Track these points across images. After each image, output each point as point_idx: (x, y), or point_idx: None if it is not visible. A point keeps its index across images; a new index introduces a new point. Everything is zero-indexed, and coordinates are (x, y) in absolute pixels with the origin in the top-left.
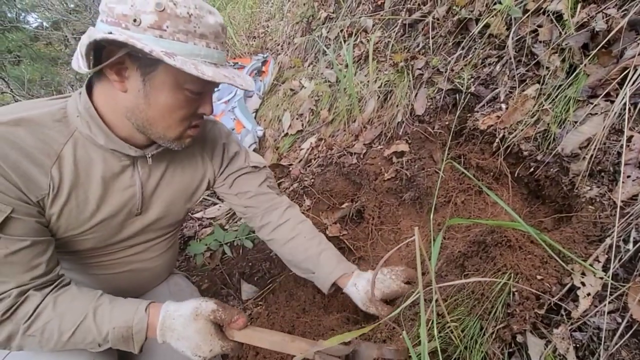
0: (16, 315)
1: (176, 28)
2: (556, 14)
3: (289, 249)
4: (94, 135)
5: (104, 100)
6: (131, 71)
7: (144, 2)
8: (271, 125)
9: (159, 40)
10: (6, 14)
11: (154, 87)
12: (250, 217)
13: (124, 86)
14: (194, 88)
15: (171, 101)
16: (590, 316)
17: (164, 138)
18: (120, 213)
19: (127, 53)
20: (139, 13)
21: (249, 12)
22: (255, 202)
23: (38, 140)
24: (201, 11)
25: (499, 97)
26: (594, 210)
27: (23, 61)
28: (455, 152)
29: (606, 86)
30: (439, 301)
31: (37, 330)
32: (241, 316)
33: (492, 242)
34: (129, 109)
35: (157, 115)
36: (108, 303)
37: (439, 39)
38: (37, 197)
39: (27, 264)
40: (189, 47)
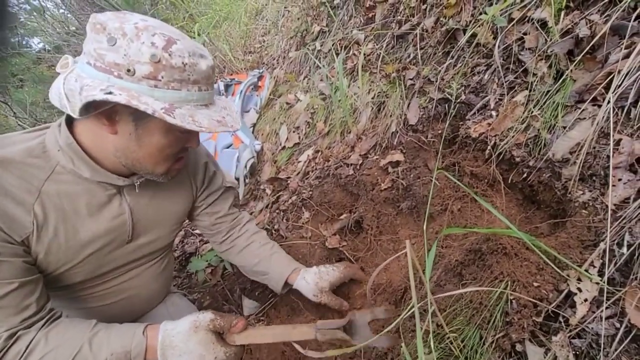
0: (6, 357)
1: (171, 77)
2: (541, 22)
3: (244, 255)
4: (77, 169)
5: (89, 137)
6: (122, 116)
7: (137, 52)
8: (269, 139)
9: (153, 90)
10: (9, 40)
11: (147, 131)
12: (215, 233)
13: (114, 129)
14: (184, 130)
15: (163, 142)
16: (588, 322)
17: (152, 173)
18: (112, 242)
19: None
20: (132, 63)
21: (245, 28)
22: (223, 220)
23: (18, 178)
24: (194, 58)
25: (489, 104)
26: (587, 214)
27: (26, 84)
28: (449, 160)
29: (592, 91)
30: (437, 312)
31: None
32: (240, 319)
33: (488, 250)
34: (119, 149)
35: (147, 155)
36: (104, 331)
37: (428, 49)
38: (21, 237)
39: (17, 307)
40: (183, 94)
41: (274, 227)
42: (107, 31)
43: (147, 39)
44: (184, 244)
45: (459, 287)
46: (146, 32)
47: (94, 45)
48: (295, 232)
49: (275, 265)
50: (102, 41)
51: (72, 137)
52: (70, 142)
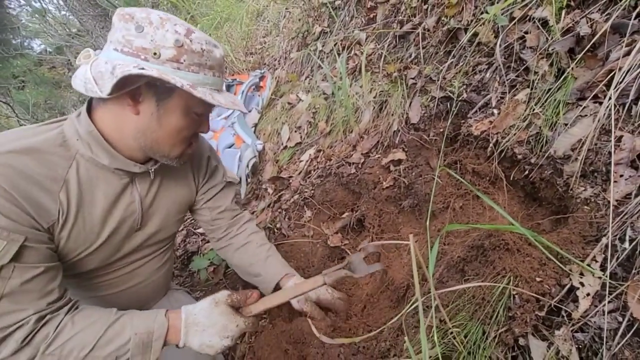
0: (35, 340)
1: (191, 61)
2: (542, 21)
3: (240, 254)
4: (96, 157)
5: (110, 121)
6: (146, 96)
7: (163, 38)
8: (270, 138)
9: (176, 72)
10: (11, 42)
11: (167, 111)
12: (214, 229)
13: (137, 109)
14: (199, 111)
15: (181, 123)
16: (591, 316)
17: (168, 156)
18: (123, 230)
19: (146, 82)
20: (158, 47)
21: (246, 29)
22: (223, 215)
23: (44, 167)
24: (209, 46)
25: (490, 102)
26: (589, 210)
27: (27, 86)
28: (451, 158)
29: (594, 88)
30: (440, 307)
31: (57, 349)
32: (254, 291)
33: (490, 246)
34: (140, 130)
35: (165, 135)
36: (127, 315)
37: (430, 48)
38: (47, 224)
39: (41, 290)
40: (201, 77)
41: (276, 226)
42: (135, 20)
43: (171, 27)
44: (186, 243)
45: (461, 283)
46: (169, 22)
47: (122, 32)
48: (297, 231)
49: (269, 267)
50: (130, 29)
51: (93, 125)
52: (91, 130)
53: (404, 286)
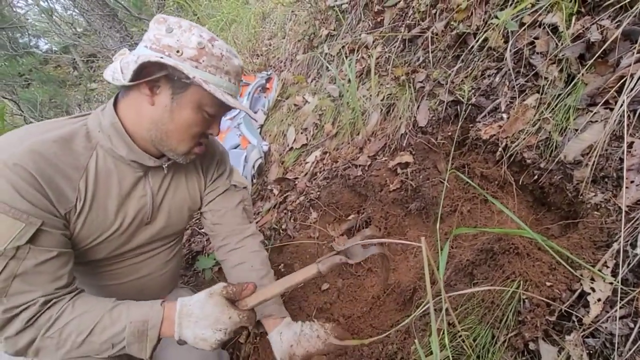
0: (38, 322)
1: (210, 63)
2: (552, 26)
3: (234, 273)
4: (115, 148)
5: (129, 112)
6: (163, 89)
7: (188, 39)
8: (276, 140)
9: (194, 70)
10: (18, 40)
11: (180, 105)
12: (215, 235)
13: (153, 100)
14: (211, 111)
15: (191, 119)
16: (602, 322)
17: (175, 151)
18: (134, 222)
19: (165, 75)
20: (182, 46)
21: (252, 31)
22: (223, 220)
23: (68, 155)
24: (230, 54)
25: (499, 107)
26: (599, 216)
27: (32, 84)
28: (459, 161)
29: (604, 94)
30: (449, 310)
31: (55, 332)
32: (250, 283)
33: (499, 250)
34: (153, 120)
35: (175, 129)
36: (124, 304)
37: (438, 52)
38: (65, 210)
39: (53, 274)
40: (216, 79)
41: (282, 227)
42: (167, 23)
43: (197, 32)
44: (190, 242)
45: (470, 287)
46: (197, 29)
47: (154, 32)
48: (302, 232)
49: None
50: (162, 30)
51: (117, 117)
52: (114, 122)
53: (411, 289)
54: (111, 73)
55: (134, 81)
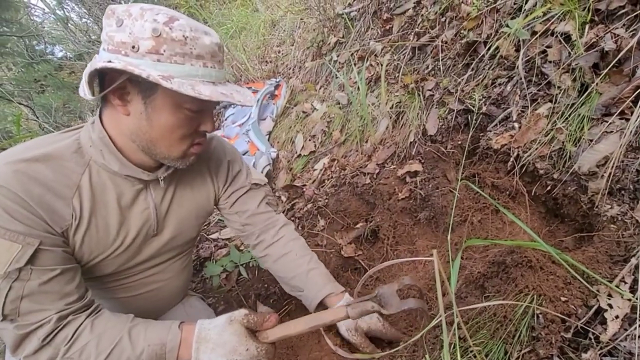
0: (55, 340)
1: (173, 51)
2: (564, 35)
3: (280, 265)
4: (107, 163)
5: (112, 125)
6: (133, 95)
7: (141, 29)
8: (284, 146)
9: (156, 64)
10: (35, 48)
11: (155, 109)
12: (247, 235)
13: (127, 110)
14: (192, 107)
15: (172, 121)
16: (620, 340)
17: (169, 158)
18: (139, 236)
19: (128, 78)
20: (137, 40)
21: (262, 39)
22: (253, 220)
23: (58, 173)
24: (196, 33)
25: (511, 116)
26: (616, 229)
27: (47, 90)
28: (470, 171)
29: (620, 104)
30: (461, 324)
31: (75, 352)
32: (272, 314)
33: (512, 263)
34: (133, 131)
35: (159, 136)
36: (142, 324)
37: (448, 61)
38: (61, 228)
39: (60, 292)
40: (186, 68)
41: None
42: (116, 15)
43: (150, 16)
44: (198, 249)
45: (481, 300)
46: (150, 11)
47: (106, 30)
48: (310, 240)
49: (312, 283)
50: (112, 24)
51: (105, 131)
52: (102, 136)
53: None
54: (82, 88)
55: (102, 92)
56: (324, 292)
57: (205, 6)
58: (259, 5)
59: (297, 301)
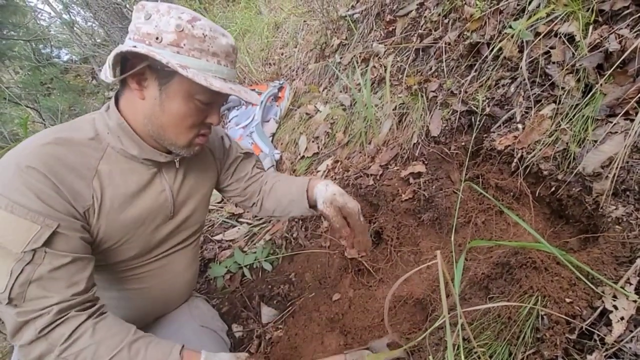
0: (52, 335)
1: (192, 46)
2: (568, 36)
3: (272, 198)
4: (125, 148)
5: (128, 109)
6: (150, 81)
7: (166, 23)
8: (288, 148)
9: (175, 55)
10: (41, 51)
11: (169, 96)
12: (249, 196)
13: (143, 94)
14: (203, 99)
15: (183, 109)
16: (625, 342)
17: (175, 145)
18: (157, 217)
19: (148, 65)
20: (161, 32)
21: (265, 41)
22: (251, 182)
23: (79, 156)
24: (215, 33)
25: (514, 117)
26: (621, 230)
27: (53, 93)
28: (473, 172)
29: (624, 105)
30: (465, 325)
31: (71, 355)
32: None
33: (516, 264)
34: (146, 115)
35: (169, 122)
36: (143, 339)
37: (451, 62)
38: (83, 208)
39: (68, 280)
40: (202, 63)
41: (293, 236)
42: (146, 9)
43: (176, 14)
44: (202, 250)
45: (485, 301)
46: (176, 10)
47: (134, 21)
48: (313, 241)
49: (298, 186)
50: (141, 17)
51: (123, 118)
52: (120, 122)
53: (424, 301)
54: (104, 70)
55: (122, 75)
56: (305, 184)
57: (209, 9)
58: (263, 8)
59: (301, 302)
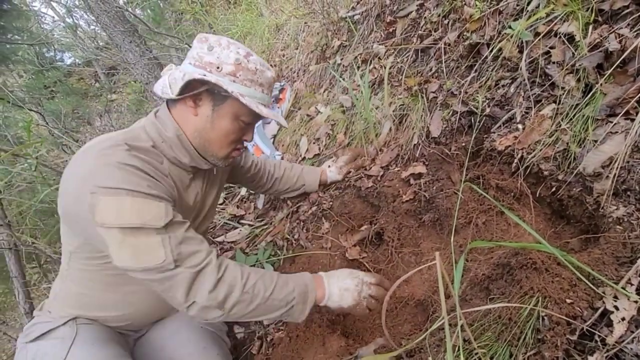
0: (226, 277)
1: (245, 77)
2: (567, 36)
3: (284, 180)
4: (177, 156)
5: (181, 122)
6: (205, 101)
7: (227, 56)
8: (289, 149)
9: (231, 83)
10: (45, 55)
11: (220, 115)
12: (260, 178)
13: (196, 111)
14: (247, 120)
15: (229, 127)
16: (627, 342)
17: (215, 156)
18: (190, 218)
19: (206, 89)
20: (222, 63)
21: (266, 43)
22: (258, 168)
23: (152, 160)
24: (263, 67)
25: (515, 117)
26: (622, 230)
27: (57, 96)
28: (474, 172)
29: (625, 105)
30: (465, 326)
31: (250, 288)
32: None
33: (517, 265)
34: (197, 129)
35: (216, 137)
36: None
37: (451, 63)
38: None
39: (197, 237)
40: (251, 91)
41: (294, 237)
42: (209, 42)
43: (235, 49)
44: None
45: (486, 302)
46: (234, 45)
47: (197, 50)
48: (315, 243)
49: (308, 175)
50: (204, 48)
51: (181, 130)
52: (179, 134)
53: (425, 302)
54: (160, 87)
55: (181, 95)
56: (318, 174)
57: (211, 12)
58: (264, 10)
59: None
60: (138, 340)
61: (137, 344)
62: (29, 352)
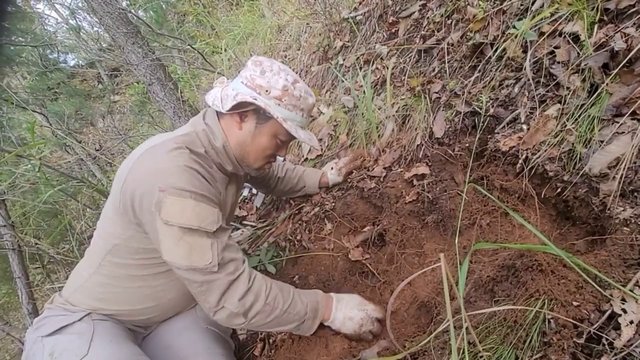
0: (254, 286)
1: (290, 102)
2: (572, 35)
3: (286, 180)
4: (223, 163)
5: (228, 133)
6: (250, 118)
7: (276, 81)
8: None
9: (277, 107)
10: (48, 56)
11: (261, 132)
12: (267, 180)
13: (241, 126)
14: (283, 139)
15: (267, 144)
16: (635, 346)
17: (250, 166)
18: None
19: (254, 109)
20: (271, 87)
21: (268, 44)
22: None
23: (207, 166)
24: (306, 94)
25: (519, 118)
26: (629, 232)
27: (60, 97)
28: (478, 173)
29: (631, 105)
30: (470, 329)
31: (272, 300)
32: None
33: (522, 267)
34: (239, 141)
35: (255, 151)
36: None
37: (454, 63)
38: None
39: (236, 246)
40: (293, 114)
41: (297, 238)
42: (262, 66)
43: (284, 75)
44: None
45: (490, 304)
46: (284, 72)
47: (250, 72)
48: (317, 244)
49: (309, 177)
50: (257, 71)
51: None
52: (226, 145)
53: (428, 304)
54: (212, 99)
55: (231, 110)
56: (318, 176)
57: (213, 13)
58: (266, 11)
59: None
60: (145, 339)
61: (144, 342)
62: (46, 346)
